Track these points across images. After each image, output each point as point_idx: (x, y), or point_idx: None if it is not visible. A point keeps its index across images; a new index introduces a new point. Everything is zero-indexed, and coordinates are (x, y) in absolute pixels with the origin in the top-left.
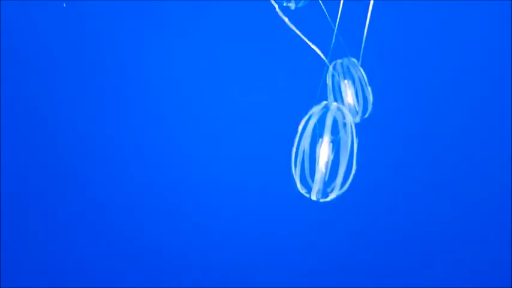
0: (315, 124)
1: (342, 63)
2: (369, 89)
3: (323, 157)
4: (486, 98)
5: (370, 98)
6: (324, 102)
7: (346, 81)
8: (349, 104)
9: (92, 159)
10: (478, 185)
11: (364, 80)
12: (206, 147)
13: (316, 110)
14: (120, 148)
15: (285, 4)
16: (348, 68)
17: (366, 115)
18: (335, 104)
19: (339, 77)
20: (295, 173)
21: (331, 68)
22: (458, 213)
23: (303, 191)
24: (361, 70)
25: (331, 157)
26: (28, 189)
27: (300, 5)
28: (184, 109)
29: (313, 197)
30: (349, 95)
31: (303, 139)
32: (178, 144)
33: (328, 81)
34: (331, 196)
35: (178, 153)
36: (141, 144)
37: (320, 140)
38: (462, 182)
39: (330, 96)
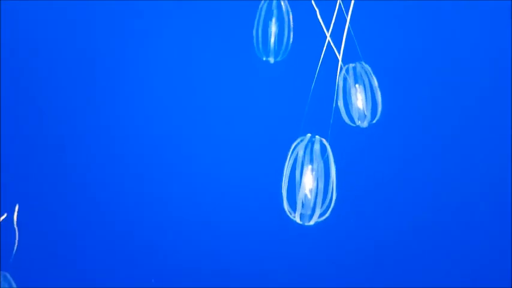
0: (302, 154)
1: (354, 68)
2: (379, 95)
3: (307, 184)
4: (487, 100)
5: (380, 104)
6: (308, 135)
7: (357, 85)
8: (358, 108)
9: (91, 159)
10: (478, 185)
11: (375, 86)
12: (198, 168)
13: (302, 141)
14: (117, 149)
15: (264, 59)
16: (360, 73)
17: (374, 121)
18: (317, 137)
19: (350, 80)
20: (284, 198)
21: (343, 71)
22: (458, 213)
23: (290, 215)
24: (373, 76)
25: (315, 184)
26: (28, 189)
27: (278, 59)
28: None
29: (298, 221)
30: (359, 99)
31: (290, 167)
32: (167, 163)
33: (340, 84)
34: (313, 221)
35: (169, 171)
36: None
37: (305, 168)
38: (462, 182)
39: (340, 99)
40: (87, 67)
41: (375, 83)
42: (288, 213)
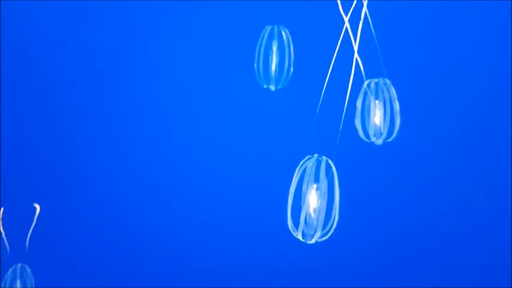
0: (308, 174)
1: (377, 83)
2: (398, 114)
3: (311, 203)
4: (488, 101)
5: (398, 123)
6: (315, 155)
7: (377, 101)
8: (375, 125)
9: (91, 159)
10: (478, 185)
11: (395, 103)
12: (206, 194)
13: (308, 162)
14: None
15: (265, 86)
16: (382, 89)
17: (390, 139)
18: (324, 157)
19: (370, 95)
20: (288, 217)
21: (365, 85)
22: (458, 213)
23: (294, 233)
24: (394, 93)
25: (319, 203)
26: (27, 189)
27: (279, 86)
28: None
29: (300, 238)
30: (377, 116)
31: (296, 186)
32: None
33: (359, 99)
34: (315, 239)
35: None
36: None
37: (309, 187)
38: (462, 182)
39: (357, 115)
40: (87, 67)
41: (396, 102)
42: (292, 231)
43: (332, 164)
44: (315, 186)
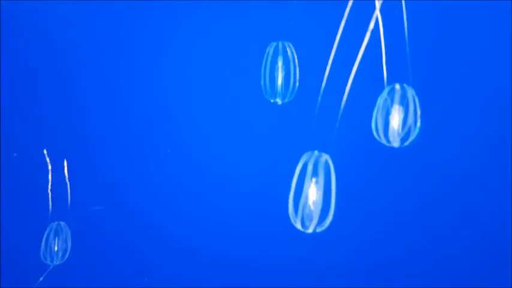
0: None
1: (401, 89)
2: (418, 119)
3: (310, 195)
4: (488, 102)
5: (416, 128)
6: (316, 152)
7: (397, 105)
8: (392, 128)
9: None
10: (478, 185)
11: (416, 109)
12: (206, 181)
13: (307, 157)
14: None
15: (272, 101)
16: (404, 95)
17: (406, 143)
18: (323, 154)
19: (391, 101)
20: (290, 208)
21: (386, 90)
22: (458, 213)
23: (294, 222)
24: (416, 100)
25: (318, 196)
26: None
27: (286, 100)
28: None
29: (299, 227)
30: (395, 119)
31: (298, 180)
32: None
33: (380, 102)
34: (311, 229)
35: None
36: None
37: (309, 180)
38: (461, 180)
39: (373, 116)
40: (87, 68)
41: (418, 107)
42: (292, 221)
43: (329, 159)
44: (314, 179)
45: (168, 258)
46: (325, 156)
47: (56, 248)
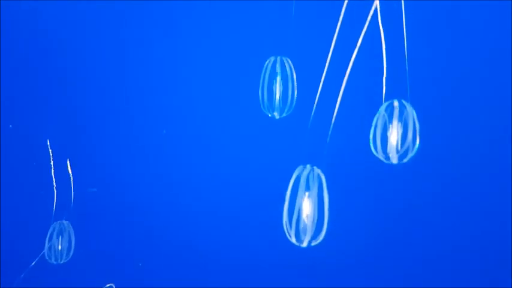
0: (302, 182)
1: (398, 105)
2: (418, 137)
3: (304, 210)
4: (488, 103)
5: (416, 145)
6: (308, 166)
7: (395, 122)
8: (390, 144)
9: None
10: (478, 185)
11: (415, 125)
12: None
13: (300, 171)
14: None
15: (270, 115)
16: (402, 111)
17: (405, 160)
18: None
19: (389, 116)
20: (284, 222)
21: (384, 106)
22: (458, 213)
23: (288, 237)
24: (415, 116)
25: (312, 210)
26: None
27: (283, 115)
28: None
29: (294, 241)
30: (393, 135)
31: (291, 194)
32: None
33: (379, 120)
34: (305, 243)
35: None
36: None
37: (303, 195)
38: (462, 181)
39: (371, 133)
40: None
41: (416, 124)
42: (287, 235)
43: (321, 173)
44: (307, 193)
45: (166, 268)
46: (318, 170)
47: (59, 247)
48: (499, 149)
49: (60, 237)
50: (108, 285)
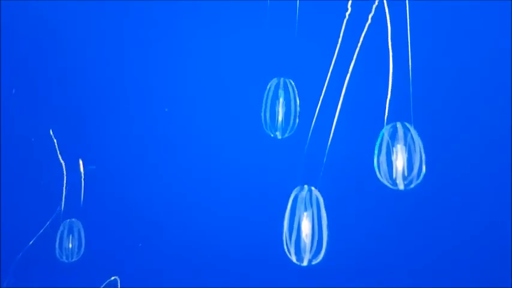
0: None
1: (402, 128)
2: (424, 161)
3: (303, 229)
4: (488, 104)
5: (422, 170)
6: (306, 187)
7: (399, 146)
8: (396, 169)
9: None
10: (478, 185)
11: (420, 150)
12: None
13: (298, 192)
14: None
15: (272, 135)
16: (407, 134)
17: (412, 185)
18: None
19: (393, 140)
20: (284, 241)
21: (386, 129)
22: (458, 213)
23: (289, 255)
24: (419, 141)
25: (310, 229)
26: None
27: (286, 135)
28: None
29: (294, 261)
30: (399, 159)
31: (291, 214)
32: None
33: (384, 144)
34: (305, 262)
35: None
36: None
37: (301, 215)
38: (462, 181)
39: (375, 157)
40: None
41: (421, 148)
42: (288, 254)
43: (319, 194)
44: (305, 213)
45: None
46: (316, 191)
47: (70, 246)
48: (502, 165)
49: (70, 235)
50: (112, 277)
